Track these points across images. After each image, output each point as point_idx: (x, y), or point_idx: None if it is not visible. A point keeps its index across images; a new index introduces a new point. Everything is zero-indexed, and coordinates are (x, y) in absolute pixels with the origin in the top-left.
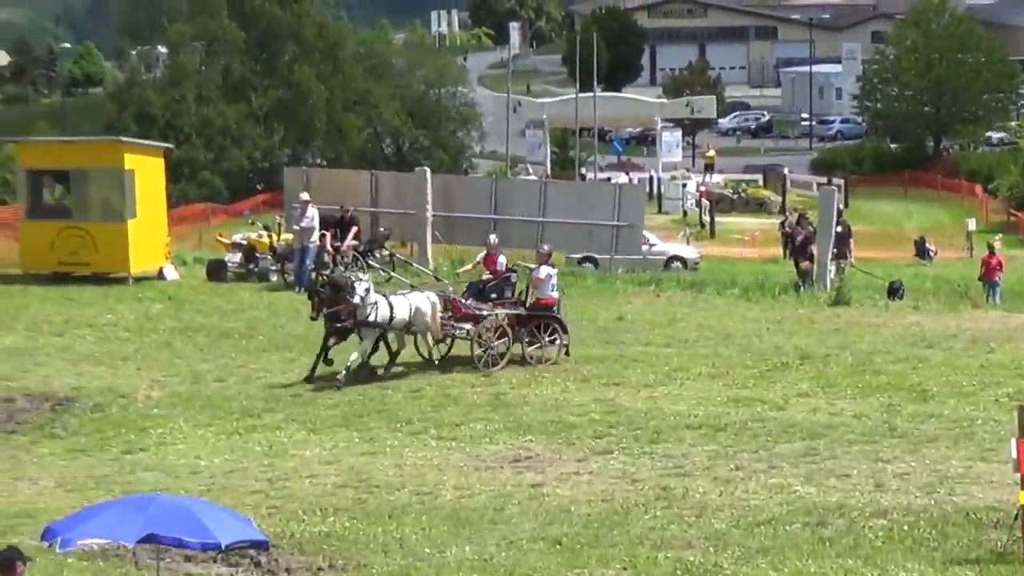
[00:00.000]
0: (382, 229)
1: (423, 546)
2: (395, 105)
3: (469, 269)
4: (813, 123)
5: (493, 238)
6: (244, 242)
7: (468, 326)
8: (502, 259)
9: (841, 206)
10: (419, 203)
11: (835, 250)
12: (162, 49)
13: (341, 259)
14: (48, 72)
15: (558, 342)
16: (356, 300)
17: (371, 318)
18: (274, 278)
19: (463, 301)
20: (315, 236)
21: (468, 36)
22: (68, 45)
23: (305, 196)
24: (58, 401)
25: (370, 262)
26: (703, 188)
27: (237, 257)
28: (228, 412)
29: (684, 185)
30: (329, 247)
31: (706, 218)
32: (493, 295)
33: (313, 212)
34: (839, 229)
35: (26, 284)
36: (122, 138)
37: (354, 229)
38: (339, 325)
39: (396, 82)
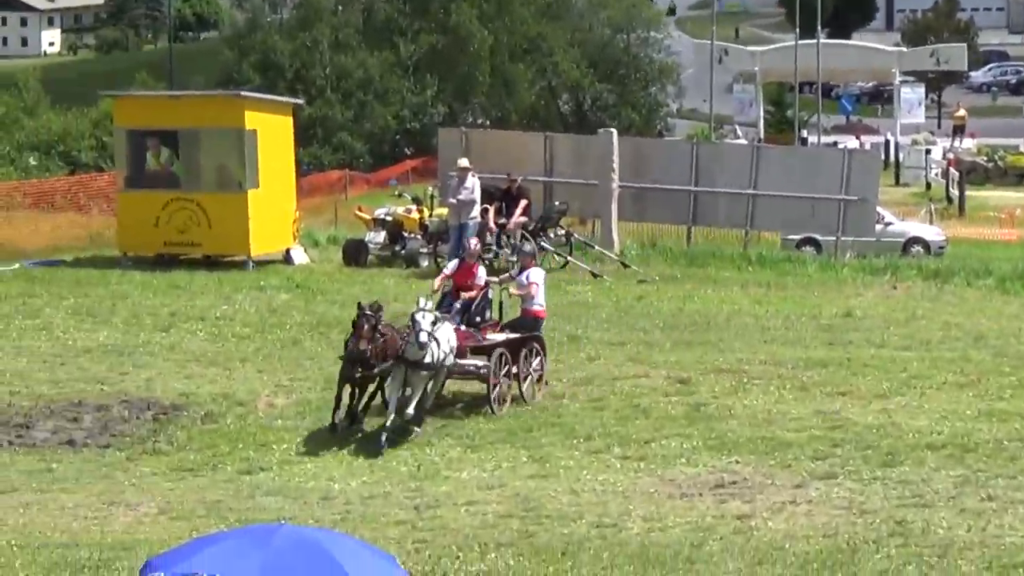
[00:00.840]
0: (557, 203)
1: None
2: (574, 53)
3: (437, 288)
4: None
5: (474, 243)
6: (389, 218)
7: (481, 360)
8: (482, 270)
9: None
10: (603, 172)
11: None
12: None
13: (507, 239)
14: (152, 13)
15: (544, 369)
16: (422, 338)
17: (427, 359)
18: (424, 262)
19: (464, 328)
20: (475, 211)
21: None
22: None
23: (464, 163)
24: (162, 410)
25: (542, 243)
26: (951, 155)
27: (380, 236)
28: (368, 425)
29: (928, 152)
30: (492, 224)
31: (954, 192)
32: (478, 318)
33: (473, 182)
34: None
35: (125, 269)
36: (242, 92)
37: (523, 203)
38: (365, 373)
39: (575, 25)
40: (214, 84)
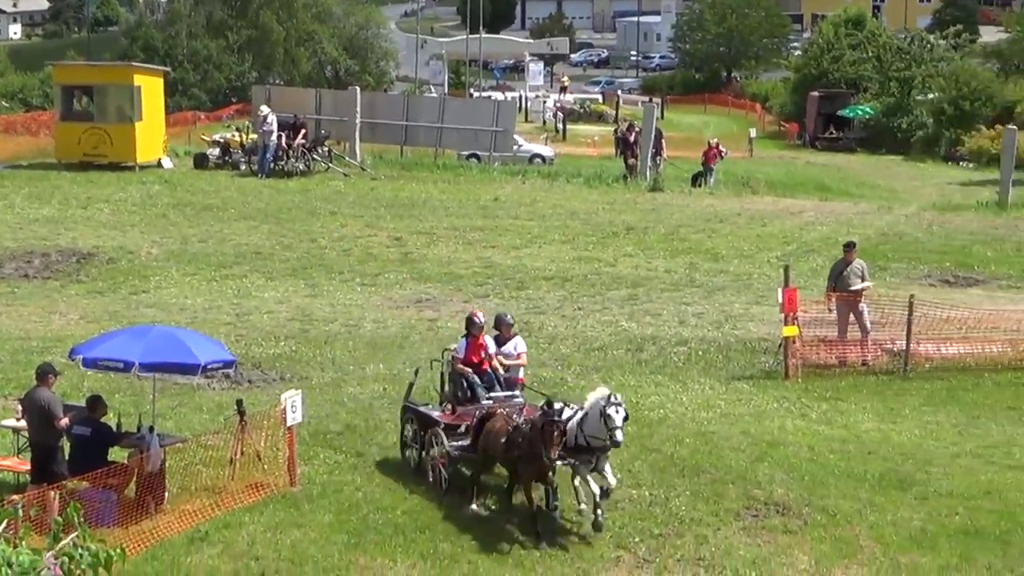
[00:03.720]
0: (323, 132)
1: (349, 364)
2: (334, 42)
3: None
4: (639, 59)
5: (480, 316)
6: (222, 140)
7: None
8: (489, 340)
9: (659, 117)
10: (350, 113)
11: (653, 150)
12: None
13: (293, 152)
14: (77, 14)
15: None
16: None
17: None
18: (243, 167)
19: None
20: (274, 137)
21: None
22: None
23: (265, 108)
24: (82, 255)
25: (314, 156)
26: (559, 104)
27: (216, 151)
28: (208, 265)
29: (544, 102)
30: (284, 144)
31: (560, 126)
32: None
33: (272, 119)
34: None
35: (59, 170)
36: (132, 63)
37: (302, 131)
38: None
39: (335, 25)
40: (115, 58)
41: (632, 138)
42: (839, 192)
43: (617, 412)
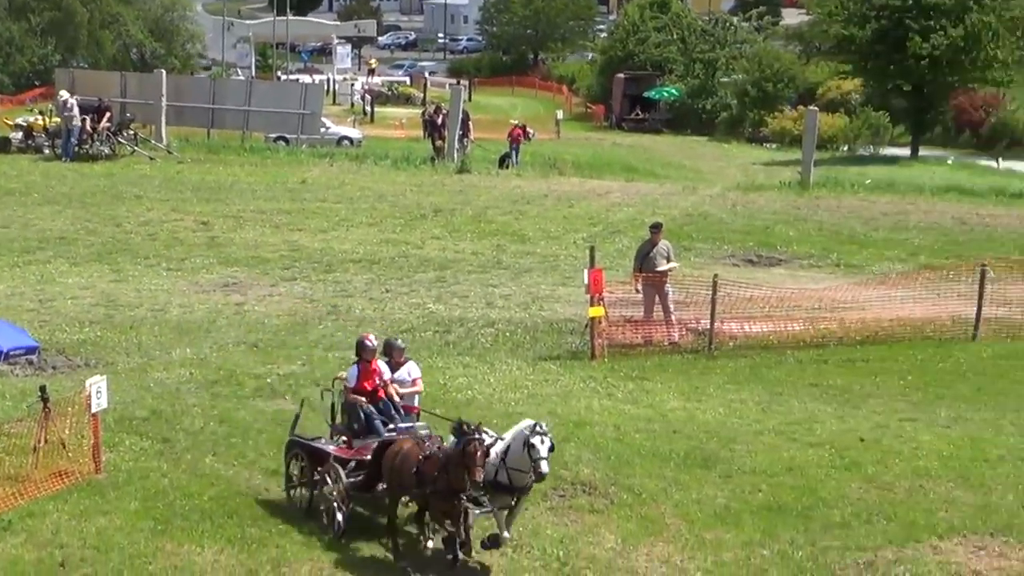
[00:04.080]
0: (128, 115)
1: (155, 349)
2: (139, 24)
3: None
4: (447, 41)
5: (372, 339)
6: (25, 124)
7: None
8: (382, 365)
9: (466, 99)
10: (156, 96)
11: (460, 132)
12: None
13: (97, 136)
14: None
15: None
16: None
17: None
18: (47, 151)
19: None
20: (76, 120)
21: None
22: None
23: (64, 93)
24: None
25: (119, 140)
26: (367, 87)
27: (19, 135)
28: (10, 250)
29: (352, 84)
30: (88, 127)
31: (368, 109)
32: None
33: (73, 103)
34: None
35: None
36: None
37: (108, 114)
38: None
39: (140, 7)
40: None
41: (440, 120)
42: (645, 173)
43: (543, 442)
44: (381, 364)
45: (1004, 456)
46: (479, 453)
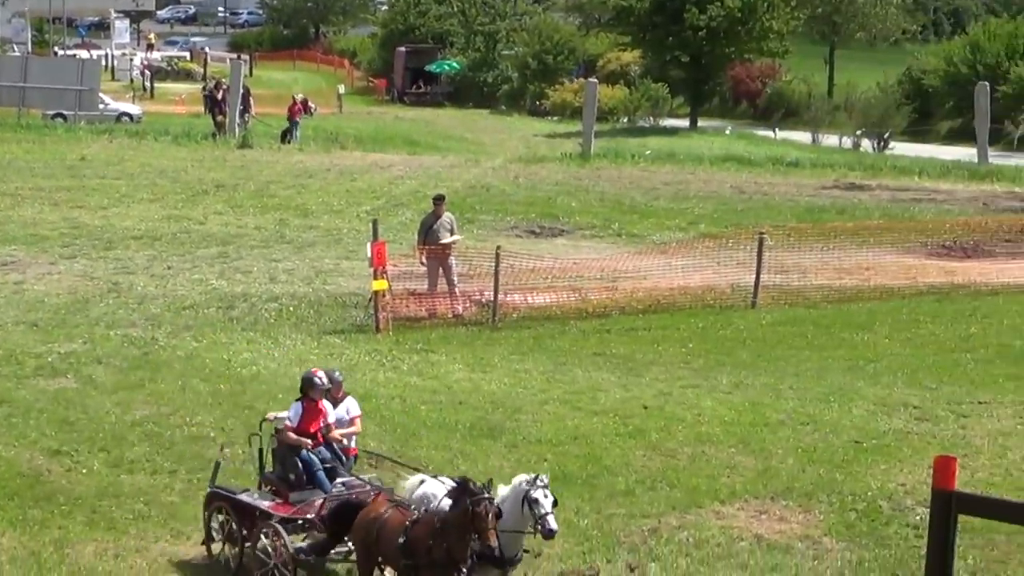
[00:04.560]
0: None
1: None
2: None
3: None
4: (227, 15)
5: (320, 374)
6: None
7: None
8: (327, 404)
9: (247, 74)
10: None
11: (241, 107)
12: None
13: None
14: None
15: None
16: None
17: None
18: None
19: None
20: None
21: None
22: None
23: None
24: None
25: None
26: (145, 62)
27: None
28: None
29: (131, 60)
30: None
31: (147, 84)
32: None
33: None
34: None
35: None
36: None
37: None
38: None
39: None
40: None
41: (220, 95)
42: (427, 146)
43: (546, 497)
44: (327, 405)
45: (784, 420)
46: (490, 515)
